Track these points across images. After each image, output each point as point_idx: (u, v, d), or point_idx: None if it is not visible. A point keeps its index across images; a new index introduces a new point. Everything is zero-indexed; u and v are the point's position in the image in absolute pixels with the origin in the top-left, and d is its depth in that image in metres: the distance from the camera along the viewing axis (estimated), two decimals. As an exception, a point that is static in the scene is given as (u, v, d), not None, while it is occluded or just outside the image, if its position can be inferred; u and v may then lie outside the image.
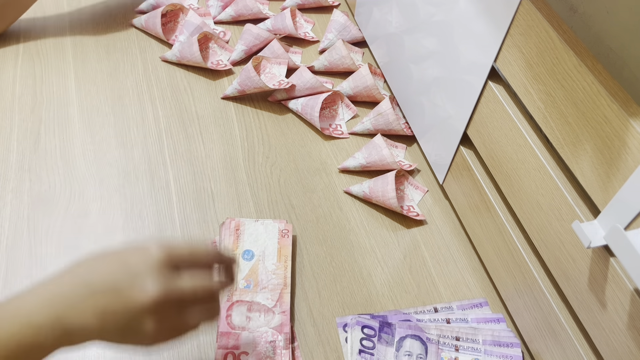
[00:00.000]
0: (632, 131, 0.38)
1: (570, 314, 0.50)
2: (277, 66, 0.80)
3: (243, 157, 0.72)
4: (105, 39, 0.84)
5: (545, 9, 0.46)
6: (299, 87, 0.77)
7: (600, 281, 0.43)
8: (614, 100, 0.39)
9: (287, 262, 0.60)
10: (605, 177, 0.41)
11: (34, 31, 0.83)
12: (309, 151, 0.74)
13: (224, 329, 0.55)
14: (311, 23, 0.92)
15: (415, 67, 0.71)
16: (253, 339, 0.54)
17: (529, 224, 0.52)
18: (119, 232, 0.62)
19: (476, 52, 0.55)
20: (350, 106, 0.79)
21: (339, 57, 0.82)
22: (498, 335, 0.57)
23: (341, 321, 0.58)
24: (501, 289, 0.61)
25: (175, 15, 0.86)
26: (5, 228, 0.61)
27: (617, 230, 0.37)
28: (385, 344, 0.55)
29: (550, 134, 0.47)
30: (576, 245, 0.46)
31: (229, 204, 0.66)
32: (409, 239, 0.67)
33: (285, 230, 0.62)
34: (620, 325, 0.42)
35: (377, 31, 0.82)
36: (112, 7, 0.89)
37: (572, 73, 0.43)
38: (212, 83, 0.80)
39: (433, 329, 0.57)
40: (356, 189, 0.69)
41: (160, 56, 0.83)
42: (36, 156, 0.67)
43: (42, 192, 0.64)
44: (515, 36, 0.49)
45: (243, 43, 0.83)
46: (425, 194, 0.72)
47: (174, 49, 0.81)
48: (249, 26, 0.83)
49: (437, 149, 0.69)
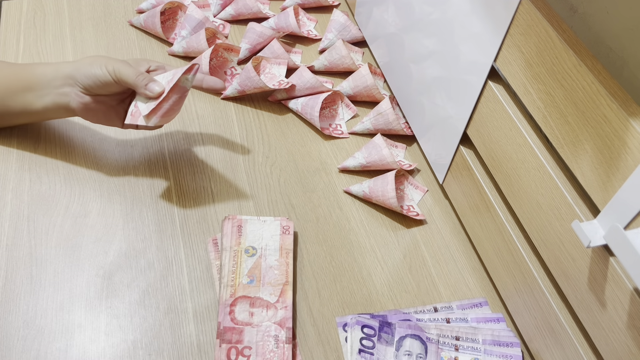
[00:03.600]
0: (632, 131, 0.38)
1: (570, 314, 0.50)
2: (277, 66, 0.80)
3: (243, 157, 0.72)
4: (105, 39, 0.84)
5: (545, 9, 0.46)
6: (299, 87, 0.77)
7: (600, 281, 0.43)
8: (614, 100, 0.39)
9: (288, 259, 0.60)
10: (605, 177, 0.41)
11: (34, 31, 0.83)
12: (309, 151, 0.74)
13: (228, 324, 0.55)
14: (314, 21, 0.92)
15: (415, 66, 0.71)
16: (256, 333, 0.55)
17: (529, 223, 0.52)
18: (119, 232, 0.62)
19: (476, 51, 0.55)
20: (350, 106, 0.79)
21: (339, 56, 0.82)
22: (498, 334, 0.57)
23: (341, 321, 0.58)
24: (501, 289, 0.61)
25: (173, 13, 0.86)
26: (5, 228, 0.61)
27: (617, 229, 0.37)
28: (385, 343, 0.55)
29: (550, 133, 0.47)
30: (576, 244, 0.46)
31: (229, 204, 0.66)
32: (409, 238, 0.67)
33: (286, 227, 0.63)
34: (619, 325, 0.42)
35: (377, 31, 0.82)
36: (112, 7, 0.89)
37: (572, 73, 0.43)
38: (212, 83, 0.80)
39: (433, 328, 0.57)
40: (356, 189, 0.69)
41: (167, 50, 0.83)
42: (36, 156, 0.67)
43: (42, 192, 0.64)
44: (515, 36, 0.49)
45: (247, 42, 0.83)
46: (425, 193, 0.72)
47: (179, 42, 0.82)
48: (252, 25, 0.83)
49: (437, 149, 0.69)
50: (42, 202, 0.63)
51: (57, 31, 0.84)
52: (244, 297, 0.57)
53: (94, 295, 0.57)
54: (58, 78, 0.59)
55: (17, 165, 0.66)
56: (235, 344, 0.54)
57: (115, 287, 0.58)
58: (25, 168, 0.66)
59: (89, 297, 0.57)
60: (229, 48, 0.80)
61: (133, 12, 0.89)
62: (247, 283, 0.58)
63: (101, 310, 0.56)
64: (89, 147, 0.69)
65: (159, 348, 0.54)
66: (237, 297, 0.57)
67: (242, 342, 0.54)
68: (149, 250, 0.61)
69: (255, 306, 0.57)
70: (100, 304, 0.56)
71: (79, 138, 0.70)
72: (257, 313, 0.56)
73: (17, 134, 0.69)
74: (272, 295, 0.58)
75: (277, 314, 0.56)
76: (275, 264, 0.60)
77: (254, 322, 0.56)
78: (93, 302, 0.56)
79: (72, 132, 0.70)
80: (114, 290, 0.58)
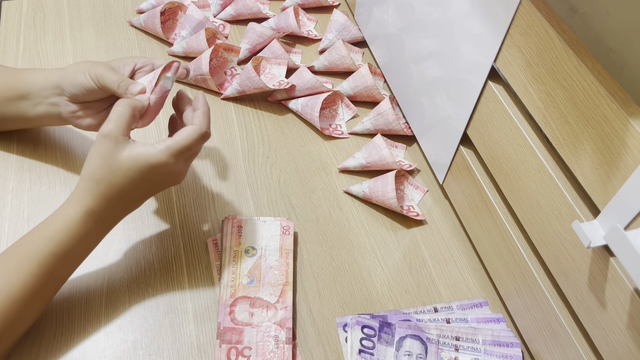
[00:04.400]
0: (632, 131, 0.38)
1: (570, 314, 0.50)
2: (276, 66, 0.80)
3: (243, 157, 0.72)
4: (105, 39, 0.84)
5: (545, 9, 0.46)
6: (299, 87, 0.77)
7: (600, 281, 0.43)
8: (614, 100, 0.39)
9: (288, 259, 0.60)
10: (605, 177, 0.41)
11: (34, 31, 0.83)
12: (309, 151, 0.74)
13: (228, 325, 0.55)
14: (314, 21, 0.92)
15: (415, 67, 0.71)
16: (256, 334, 0.55)
17: (529, 224, 0.52)
18: (118, 231, 0.62)
19: (476, 52, 0.55)
20: (350, 106, 0.79)
21: (339, 57, 0.82)
22: (498, 335, 0.57)
23: (341, 321, 0.58)
24: (501, 289, 0.61)
25: (173, 13, 0.86)
26: (5, 228, 0.61)
27: (617, 230, 0.37)
28: (385, 343, 0.55)
29: (550, 133, 0.47)
30: (576, 245, 0.46)
31: (229, 204, 0.66)
32: (409, 239, 0.67)
33: (286, 227, 0.63)
34: (620, 325, 0.42)
35: (377, 31, 0.82)
36: (112, 7, 0.89)
37: (572, 73, 0.43)
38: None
39: (433, 328, 0.57)
40: (356, 189, 0.69)
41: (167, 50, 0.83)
42: (36, 156, 0.67)
43: (42, 193, 0.64)
44: (515, 36, 0.49)
45: (247, 42, 0.83)
46: (425, 194, 0.72)
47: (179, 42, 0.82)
48: (252, 25, 0.83)
49: (437, 149, 0.69)
50: (42, 203, 0.63)
51: (57, 31, 0.84)
52: (244, 297, 0.57)
53: (93, 295, 0.57)
54: (47, 88, 0.58)
55: (17, 166, 0.66)
56: (235, 345, 0.54)
57: (115, 287, 0.58)
58: (25, 168, 0.66)
59: (89, 297, 0.57)
60: (229, 48, 0.80)
61: (133, 12, 0.89)
62: (247, 283, 0.58)
63: (101, 311, 0.56)
64: (88, 148, 0.69)
65: (159, 348, 0.54)
66: (237, 297, 0.57)
67: (242, 342, 0.54)
68: (149, 250, 0.61)
69: (255, 306, 0.57)
70: (100, 304, 0.56)
71: (79, 138, 0.70)
72: (257, 313, 0.56)
73: (17, 135, 0.68)
74: (272, 296, 0.58)
75: (277, 315, 0.56)
76: (275, 264, 0.60)
77: (254, 322, 0.56)
78: (93, 302, 0.56)
79: (72, 132, 0.70)
80: (114, 290, 0.58)
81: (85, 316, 0.55)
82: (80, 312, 0.55)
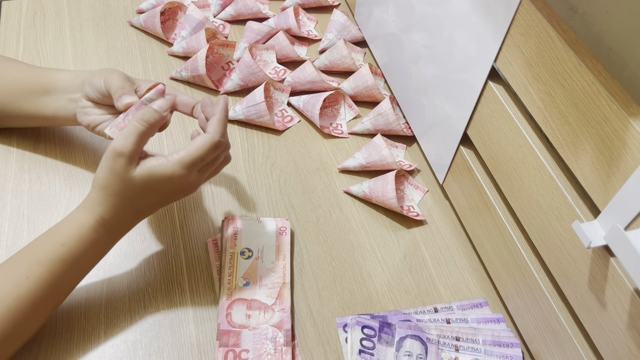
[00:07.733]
0: (632, 131, 0.38)
1: (570, 314, 0.50)
2: (265, 52, 0.80)
3: (243, 157, 0.72)
4: (105, 40, 0.84)
5: (545, 9, 0.46)
6: (300, 81, 0.78)
7: (600, 281, 0.43)
8: (614, 100, 0.39)
9: (285, 260, 0.60)
10: (605, 177, 0.41)
11: (34, 31, 0.83)
12: (309, 151, 0.74)
13: (225, 327, 0.55)
14: (314, 21, 0.92)
15: (415, 67, 0.71)
16: (253, 336, 0.55)
17: (529, 224, 0.52)
18: (118, 232, 0.62)
19: (476, 52, 0.55)
20: (352, 106, 0.79)
21: (340, 56, 0.82)
22: (498, 335, 0.57)
23: (341, 321, 0.58)
24: (501, 289, 0.61)
25: (173, 13, 0.86)
26: (5, 228, 0.61)
27: (617, 230, 0.37)
28: (385, 344, 0.55)
29: (550, 134, 0.47)
30: (576, 245, 0.46)
31: (228, 204, 0.66)
32: (409, 239, 0.67)
33: (282, 228, 0.63)
34: (620, 325, 0.42)
35: (377, 31, 0.82)
36: (112, 7, 0.89)
37: (572, 73, 0.43)
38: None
39: (433, 329, 0.57)
40: (356, 189, 0.69)
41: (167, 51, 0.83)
42: (36, 156, 0.67)
43: (42, 192, 0.64)
44: (515, 36, 0.49)
45: (245, 40, 0.83)
46: (425, 194, 0.72)
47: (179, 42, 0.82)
48: (250, 23, 0.84)
49: (437, 149, 0.69)
50: (42, 202, 0.63)
51: (57, 31, 0.84)
52: (241, 299, 0.57)
53: (93, 295, 0.57)
54: (73, 85, 0.59)
55: (16, 166, 0.66)
56: (232, 347, 0.54)
57: (115, 288, 0.58)
58: (25, 168, 0.66)
59: (89, 297, 0.57)
60: (224, 44, 0.80)
61: (133, 12, 0.89)
62: (243, 286, 0.58)
63: (101, 311, 0.56)
64: (88, 148, 0.69)
65: (159, 348, 0.54)
66: (234, 299, 0.57)
67: (239, 345, 0.54)
68: (149, 251, 0.61)
69: (252, 308, 0.56)
70: (100, 304, 0.56)
71: (79, 138, 0.70)
72: (254, 316, 0.56)
73: (16, 134, 0.68)
74: (269, 298, 0.57)
75: (274, 317, 0.56)
76: (272, 266, 0.60)
77: (251, 324, 0.55)
78: (93, 303, 0.56)
79: (72, 133, 0.70)
80: (114, 290, 0.57)
81: (85, 316, 0.55)
82: (80, 312, 0.55)
